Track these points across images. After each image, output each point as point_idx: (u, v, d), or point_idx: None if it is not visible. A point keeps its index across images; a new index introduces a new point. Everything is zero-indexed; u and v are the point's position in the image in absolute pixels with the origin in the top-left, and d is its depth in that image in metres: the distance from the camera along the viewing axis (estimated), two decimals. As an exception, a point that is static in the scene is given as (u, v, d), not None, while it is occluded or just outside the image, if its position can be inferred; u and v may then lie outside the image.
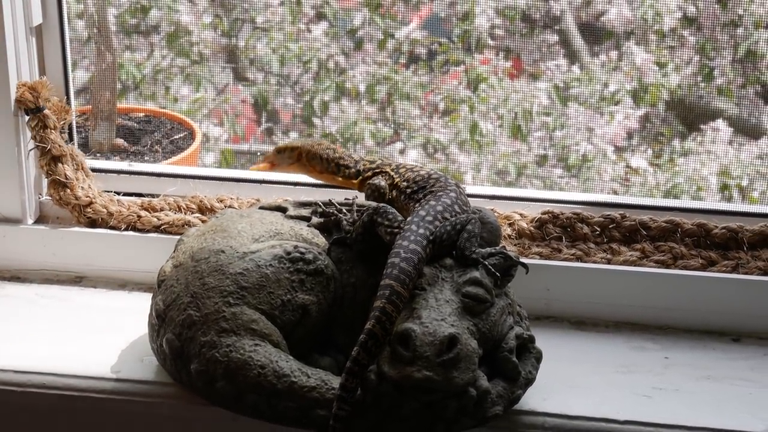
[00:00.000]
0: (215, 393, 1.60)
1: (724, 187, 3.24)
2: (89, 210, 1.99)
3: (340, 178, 1.86)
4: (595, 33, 3.35)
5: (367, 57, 3.49)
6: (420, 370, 1.53)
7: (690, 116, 3.36)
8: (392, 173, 1.80)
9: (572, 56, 3.44)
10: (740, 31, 3.18)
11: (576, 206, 1.97)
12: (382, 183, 1.80)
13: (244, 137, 3.45)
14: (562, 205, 1.97)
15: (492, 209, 1.92)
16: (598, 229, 1.93)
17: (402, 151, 3.49)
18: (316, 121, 3.42)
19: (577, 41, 3.45)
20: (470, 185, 1.97)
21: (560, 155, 3.39)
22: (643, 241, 1.92)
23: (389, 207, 1.69)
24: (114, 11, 3.36)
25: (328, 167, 1.86)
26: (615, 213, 1.94)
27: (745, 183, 3.22)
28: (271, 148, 1.85)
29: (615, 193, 3.32)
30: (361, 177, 1.83)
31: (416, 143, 3.48)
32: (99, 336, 1.83)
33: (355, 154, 1.86)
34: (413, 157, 3.46)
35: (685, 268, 1.89)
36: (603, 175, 3.35)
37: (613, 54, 3.37)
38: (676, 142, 3.35)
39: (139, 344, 1.78)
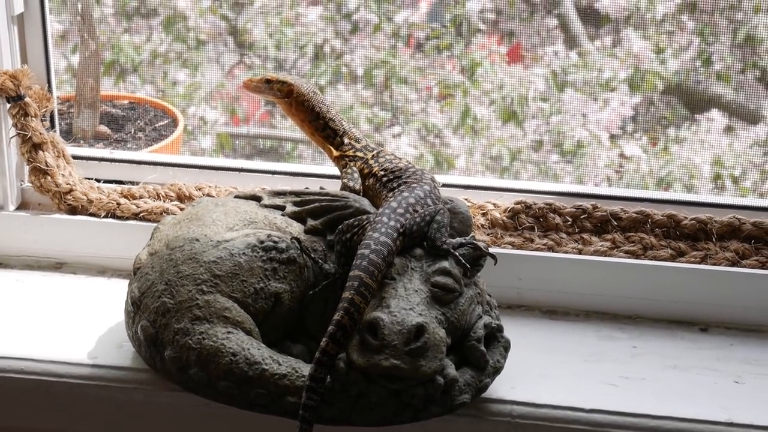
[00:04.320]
0: (188, 379, 1.62)
1: (717, 177, 3.25)
2: (69, 197, 2.01)
3: (319, 137, 1.83)
4: (595, 17, 3.35)
5: (364, 41, 3.50)
6: (387, 358, 1.55)
7: (689, 102, 3.36)
8: (371, 161, 1.81)
9: (571, 42, 3.45)
10: (739, 15, 3.19)
11: (549, 196, 1.98)
12: (357, 186, 1.80)
13: (245, 119, 3.46)
14: (535, 195, 1.98)
15: (466, 199, 1.94)
16: (570, 219, 1.94)
17: (397, 136, 3.50)
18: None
19: (576, 26, 3.45)
20: (445, 176, 1.97)
21: (555, 141, 3.39)
22: (614, 232, 1.93)
23: (344, 219, 1.70)
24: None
25: (315, 121, 1.82)
26: (587, 203, 1.95)
27: (737, 173, 3.23)
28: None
29: (609, 179, 3.33)
30: (340, 153, 1.84)
31: (412, 128, 3.49)
32: (78, 322, 1.85)
33: (346, 122, 1.84)
34: (407, 142, 3.47)
35: (655, 258, 1.90)
36: (597, 161, 3.35)
37: (608, 40, 3.37)
38: (671, 131, 3.35)
39: (117, 330, 1.79)
